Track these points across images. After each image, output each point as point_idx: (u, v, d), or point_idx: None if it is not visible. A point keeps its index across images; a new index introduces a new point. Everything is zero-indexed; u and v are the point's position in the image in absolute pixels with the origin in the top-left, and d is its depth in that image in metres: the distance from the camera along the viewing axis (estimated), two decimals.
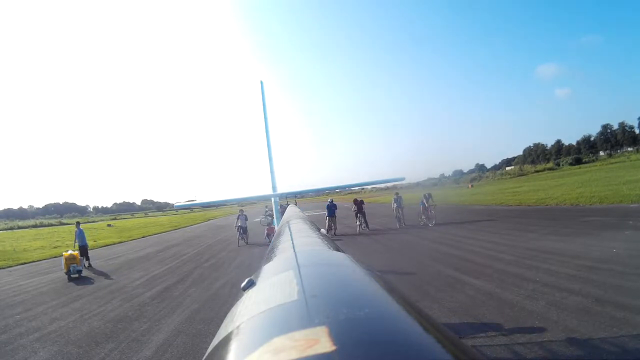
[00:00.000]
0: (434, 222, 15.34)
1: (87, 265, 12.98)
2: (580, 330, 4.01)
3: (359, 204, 16.14)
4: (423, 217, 16.11)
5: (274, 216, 7.72)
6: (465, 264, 7.77)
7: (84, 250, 13.51)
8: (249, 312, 0.77)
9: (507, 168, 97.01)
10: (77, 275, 11.12)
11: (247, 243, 15.79)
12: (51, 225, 58.94)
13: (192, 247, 17.47)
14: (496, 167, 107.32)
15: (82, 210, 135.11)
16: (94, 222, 64.98)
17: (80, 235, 13.79)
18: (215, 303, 6.83)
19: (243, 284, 1.10)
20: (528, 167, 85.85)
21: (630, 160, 55.54)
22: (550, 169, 74.79)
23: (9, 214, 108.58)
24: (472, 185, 58.67)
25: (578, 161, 76.31)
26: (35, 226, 57.46)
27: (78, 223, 14.77)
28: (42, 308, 7.71)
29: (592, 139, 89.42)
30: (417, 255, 9.30)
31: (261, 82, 7.81)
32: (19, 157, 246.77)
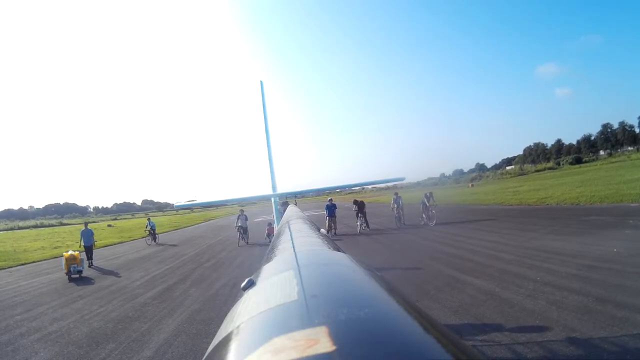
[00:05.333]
0: (434, 222, 15.33)
1: (88, 264, 12.94)
2: (581, 330, 4.01)
3: (360, 204, 16.14)
4: (424, 216, 16.11)
5: (274, 216, 7.71)
6: (466, 263, 7.77)
7: (88, 250, 13.58)
8: (249, 312, 0.77)
9: (508, 167, 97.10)
10: (77, 276, 11.13)
11: (247, 243, 15.80)
12: (51, 225, 58.96)
13: (193, 247, 17.48)
14: (496, 167, 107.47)
15: (82, 211, 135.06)
16: (94, 222, 64.95)
17: (86, 234, 13.88)
18: (216, 303, 6.83)
19: (243, 284, 1.10)
20: (528, 167, 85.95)
21: (631, 160, 55.52)
22: (550, 168, 74.82)
23: (9, 215, 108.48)
24: (472, 185, 58.67)
25: (578, 160, 76.31)
26: (35, 227, 57.45)
27: (86, 223, 14.94)
28: (43, 308, 7.72)
29: (592, 138, 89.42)
30: (417, 255, 9.30)
31: (261, 82, 7.81)
32: (19, 157, 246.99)
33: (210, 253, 14.45)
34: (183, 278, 9.71)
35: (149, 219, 22.16)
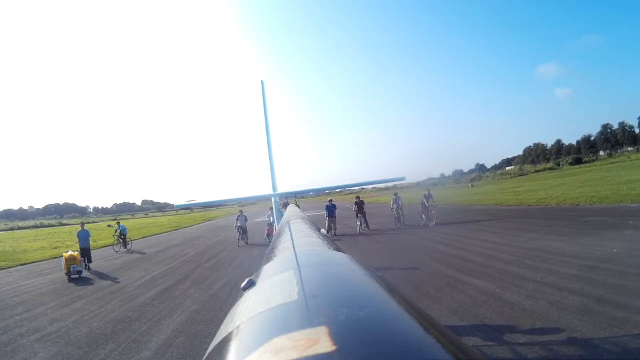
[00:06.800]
0: (434, 222, 15.33)
1: (87, 267, 12.59)
2: (581, 330, 4.01)
3: (359, 203, 16.15)
4: (423, 216, 16.12)
5: (274, 216, 7.72)
6: (466, 264, 7.77)
7: (85, 252, 12.94)
8: (249, 312, 0.77)
9: (507, 168, 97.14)
10: (77, 276, 11.12)
11: (247, 243, 15.80)
12: (51, 225, 58.96)
13: (192, 247, 17.47)
14: (496, 167, 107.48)
15: (82, 211, 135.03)
16: (94, 222, 64.96)
17: (83, 236, 13.30)
18: (216, 303, 6.83)
19: (243, 284, 1.10)
20: (528, 167, 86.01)
21: (630, 160, 55.54)
22: (550, 168, 74.82)
23: (9, 215, 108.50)
24: (472, 185, 58.71)
25: (578, 161, 76.33)
26: (35, 227, 57.44)
27: (82, 224, 14.23)
28: (42, 309, 7.71)
29: (592, 138, 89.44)
30: (417, 256, 9.30)
31: (262, 82, 7.82)
32: (19, 157, 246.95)
33: (210, 253, 14.45)
34: (183, 278, 9.70)
35: (118, 222, 20.04)
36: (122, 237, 18.79)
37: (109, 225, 48.00)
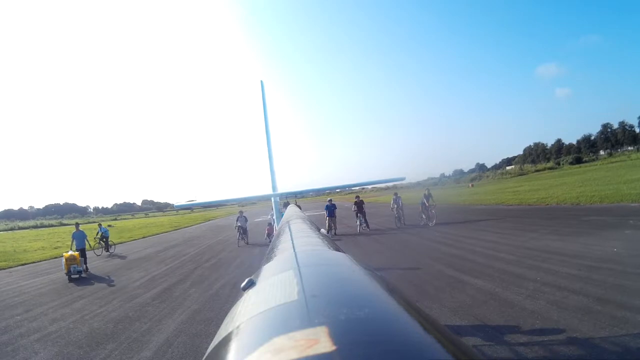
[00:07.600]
0: (434, 222, 15.34)
1: (84, 269, 12.19)
2: (581, 330, 4.01)
3: (359, 203, 16.15)
4: (423, 216, 16.12)
5: (274, 216, 7.73)
6: (466, 263, 7.77)
7: (81, 254, 12.31)
8: (249, 312, 0.77)
9: (508, 167, 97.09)
10: (77, 276, 11.12)
11: (247, 243, 15.81)
12: (52, 225, 58.90)
13: (193, 247, 17.48)
14: (496, 167, 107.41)
15: (82, 211, 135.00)
16: (94, 222, 64.97)
17: (78, 237, 12.96)
18: (216, 303, 6.83)
19: (243, 284, 1.10)
20: (528, 167, 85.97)
21: (631, 159, 55.50)
22: (550, 168, 74.76)
23: (9, 215, 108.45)
24: (472, 185, 58.69)
25: (578, 160, 76.28)
26: (35, 227, 57.44)
27: (77, 224, 13.97)
28: (43, 309, 7.72)
29: (592, 138, 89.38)
30: (417, 255, 9.30)
31: (261, 82, 7.83)
32: (19, 157, 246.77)
33: (210, 253, 14.46)
34: (183, 279, 9.71)
35: (99, 224, 18.14)
36: (104, 240, 17.53)
37: (109, 226, 48.01)
